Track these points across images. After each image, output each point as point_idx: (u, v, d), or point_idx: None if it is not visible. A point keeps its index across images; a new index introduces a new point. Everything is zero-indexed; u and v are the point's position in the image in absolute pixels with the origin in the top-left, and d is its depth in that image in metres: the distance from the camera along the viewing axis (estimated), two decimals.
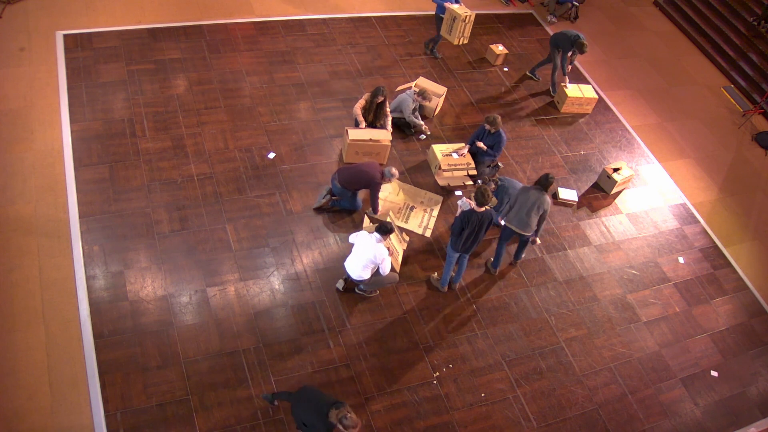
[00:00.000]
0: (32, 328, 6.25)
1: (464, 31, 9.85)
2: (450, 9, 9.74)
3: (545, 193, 7.14)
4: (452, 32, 9.88)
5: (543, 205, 7.13)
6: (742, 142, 11.11)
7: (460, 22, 9.66)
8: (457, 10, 9.67)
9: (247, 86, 9.24)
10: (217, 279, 7.00)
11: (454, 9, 9.69)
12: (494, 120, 8.21)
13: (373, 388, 6.55)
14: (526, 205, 7.14)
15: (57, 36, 9.21)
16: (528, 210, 7.14)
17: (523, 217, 7.18)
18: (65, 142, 7.90)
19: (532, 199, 7.14)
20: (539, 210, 7.14)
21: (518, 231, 7.28)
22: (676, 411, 7.23)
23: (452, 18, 9.74)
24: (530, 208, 7.13)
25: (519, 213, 7.19)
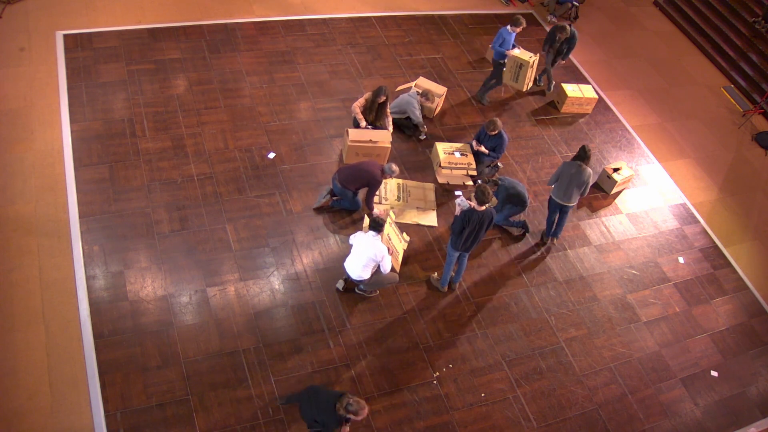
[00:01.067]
0: (32, 328, 6.25)
1: (531, 75, 9.58)
2: (515, 57, 9.35)
3: (585, 166, 7.66)
4: (519, 79, 9.53)
5: (583, 176, 7.66)
6: (742, 142, 11.11)
7: (528, 69, 9.37)
8: (523, 57, 9.29)
9: (247, 86, 9.24)
10: (217, 279, 7.00)
11: (519, 57, 9.30)
12: (492, 124, 8.23)
13: (373, 388, 6.55)
14: (568, 178, 7.66)
15: (57, 36, 9.21)
16: (569, 183, 7.66)
17: (565, 189, 7.71)
18: (65, 142, 7.90)
19: (573, 173, 7.66)
20: (580, 182, 7.67)
21: (562, 203, 7.82)
22: (676, 411, 7.23)
23: (518, 66, 9.38)
24: (571, 180, 7.65)
25: (561, 186, 7.74)
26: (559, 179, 7.78)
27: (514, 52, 9.30)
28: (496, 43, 9.38)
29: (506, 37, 9.32)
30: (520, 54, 9.29)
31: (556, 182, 7.85)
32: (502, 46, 9.35)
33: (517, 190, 7.86)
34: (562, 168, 7.77)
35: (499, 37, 9.35)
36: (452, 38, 11.21)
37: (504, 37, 9.31)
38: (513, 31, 9.30)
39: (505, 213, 8.07)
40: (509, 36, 9.34)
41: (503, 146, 8.49)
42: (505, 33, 9.33)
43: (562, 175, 7.75)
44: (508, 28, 9.31)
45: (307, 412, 5.48)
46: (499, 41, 9.35)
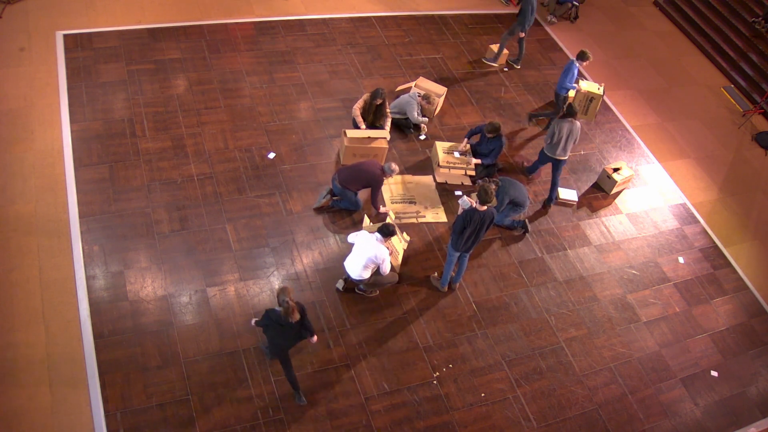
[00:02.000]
0: (32, 328, 6.25)
1: (598, 106, 9.31)
2: (586, 91, 9.07)
3: (575, 120, 8.36)
4: (589, 111, 9.27)
5: (575, 130, 8.38)
6: (742, 142, 11.11)
7: (597, 102, 9.13)
8: (593, 91, 9.05)
9: (247, 86, 9.24)
10: (217, 279, 7.00)
11: (590, 91, 9.03)
12: (492, 126, 8.26)
13: (373, 388, 6.55)
14: (565, 134, 8.32)
15: (57, 36, 9.21)
16: (567, 139, 8.36)
17: (564, 145, 8.39)
18: (65, 142, 7.90)
19: (568, 129, 8.32)
20: (575, 136, 8.40)
21: (559, 158, 8.48)
22: (676, 411, 7.23)
23: (588, 99, 9.12)
24: (568, 137, 8.35)
25: (558, 143, 8.38)
26: (554, 137, 8.33)
27: (583, 87, 9.08)
28: (566, 78, 9.18)
29: (574, 70, 9.17)
30: (589, 87, 9.08)
31: (551, 141, 8.38)
32: (571, 80, 9.18)
33: (518, 190, 7.86)
34: (556, 126, 8.32)
35: (569, 72, 9.15)
36: (452, 38, 11.21)
37: (573, 72, 9.15)
38: (579, 65, 9.14)
39: (505, 213, 8.07)
40: (576, 69, 9.20)
41: (500, 150, 8.53)
42: (572, 67, 9.16)
43: (558, 132, 8.31)
44: (576, 62, 9.12)
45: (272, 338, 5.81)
46: (569, 76, 9.15)
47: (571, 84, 9.20)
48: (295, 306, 5.52)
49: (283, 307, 5.47)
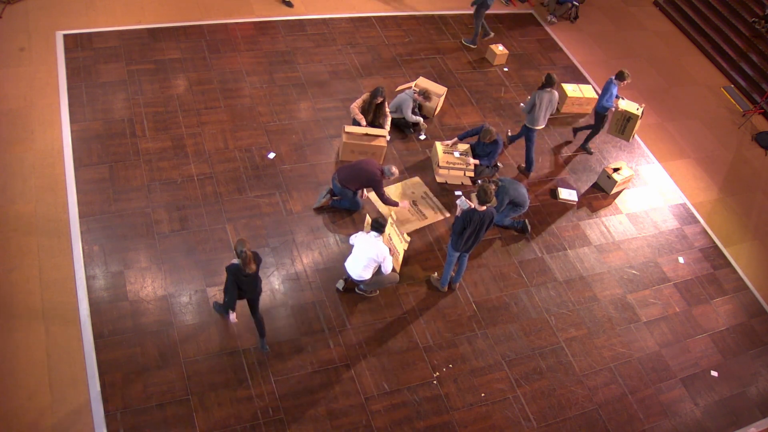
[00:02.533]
0: (32, 328, 6.25)
1: (637, 126, 9.13)
2: (623, 111, 8.94)
3: (554, 90, 8.59)
4: (626, 131, 9.09)
5: (554, 100, 8.70)
6: (742, 142, 11.11)
7: (636, 122, 8.94)
8: (631, 110, 8.89)
9: (247, 86, 9.24)
10: (217, 279, 7.00)
11: (628, 110, 8.89)
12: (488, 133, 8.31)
13: (373, 388, 6.55)
14: (545, 104, 8.60)
15: (57, 36, 9.21)
16: (546, 108, 8.63)
17: (544, 114, 8.67)
18: (65, 142, 7.90)
19: (547, 99, 8.58)
20: (553, 106, 8.76)
21: (536, 127, 8.75)
22: (676, 411, 7.23)
23: (626, 119, 8.97)
24: (547, 106, 8.64)
25: (539, 113, 8.61)
26: (535, 108, 8.58)
27: (621, 105, 8.96)
28: (605, 97, 9.00)
29: (612, 89, 8.98)
30: (627, 107, 8.94)
31: (530, 111, 8.63)
32: (609, 99, 9.00)
33: (517, 190, 7.86)
34: (536, 98, 8.54)
35: (607, 91, 8.97)
36: (452, 38, 11.21)
37: (611, 91, 8.98)
38: (617, 84, 8.95)
39: (505, 213, 8.07)
40: (614, 89, 8.99)
41: (497, 152, 8.56)
42: (610, 86, 8.98)
43: (539, 104, 8.57)
44: (614, 81, 8.95)
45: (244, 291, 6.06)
46: (607, 95, 8.98)
47: (609, 103, 8.98)
48: (252, 256, 5.74)
49: (241, 258, 5.67)
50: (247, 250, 5.66)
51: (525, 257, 8.17)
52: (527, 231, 8.36)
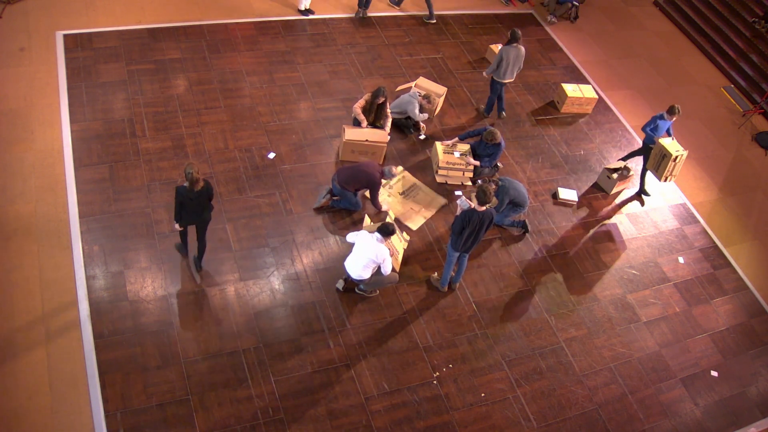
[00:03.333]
0: (32, 328, 6.25)
1: (673, 169, 8.68)
2: (661, 145, 8.58)
3: (519, 45, 9.13)
4: (659, 169, 8.69)
5: (521, 56, 9.23)
6: (742, 142, 11.11)
7: (670, 162, 8.51)
8: (668, 147, 8.49)
9: (247, 86, 9.24)
10: (217, 279, 7.00)
11: (665, 147, 8.51)
12: (491, 135, 8.29)
13: (373, 388, 6.55)
14: (512, 60, 9.14)
15: (57, 36, 9.21)
16: (513, 63, 9.18)
17: (511, 70, 9.24)
18: (65, 142, 7.90)
19: (514, 54, 9.13)
20: (520, 61, 9.27)
21: (506, 81, 9.32)
22: (676, 411, 7.23)
23: (661, 155, 8.60)
24: (515, 61, 9.18)
25: (506, 68, 9.17)
26: (501, 63, 9.08)
27: (662, 141, 8.59)
28: (648, 126, 8.84)
29: (659, 122, 8.76)
30: (667, 144, 8.54)
31: (496, 68, 9.15)
32: (653, 130, 8.77)
33: (518, 190, 7.86)
34: (503, 53, 9.06)
35: (652, 122, 8.79)
36: (452, 38, 11.21)
37: (657, 123, 8.76)
38: (668, 119, 8.73)
39: (506, 213, 8.07)
40: (663, 123, 8.77)
41: (499, 154, 8.57)
42: (659, 119, 8.77)
43: (506, 59, 9.07)
44: (664, 115, 8.74)
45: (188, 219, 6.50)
46: (652, 125, 8.79)
47: (652, 132, 8.75)
48: (199, 176, 6.13)
49: (188, 179, 6.06)
50: (194, 173, 6.07)
51: (525, 257, 8.17)
52: (527, 231, 8.36)
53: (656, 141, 8.66)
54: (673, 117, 8.69)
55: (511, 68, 9.18)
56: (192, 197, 6.24)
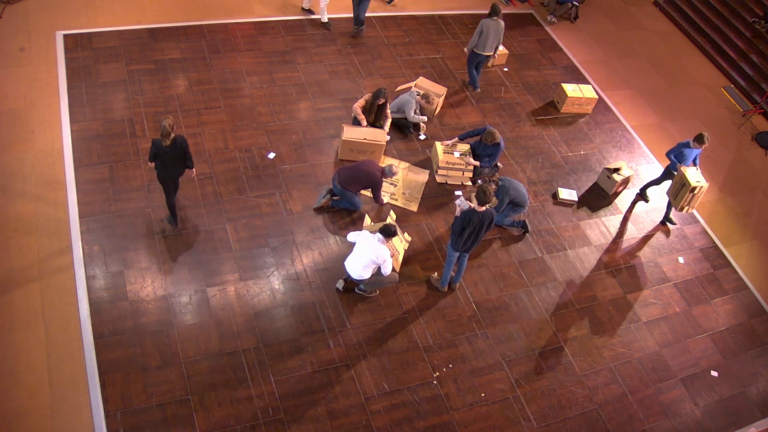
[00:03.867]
0: (32, 328, 6.25)
1: (691, 200, 8.27)
2: (681, 173, 8.24)
3: (499, 19, 9.41)
4: (677, 197, 8.37)
5: (501, 28, 9.53)
6: (742, 142, 11.11)
7: (687, 192, 8.17)
8: (688, 177, 8.14)
9: (247, 86, 9.24)
10: (217, 279, 7.00)
11: (686, 176, 8.16)
12: (490, 135, 8.28)
13: (373, 388, 6.55)
14: (492, 32, 9.44)
15: (57, 36, 9.21)
16: (494, 36, 9.49)
17: (491, 42, 9.55)
18: (65, 142, 7.90)
19: (494, 27, 9.42)
20: (500, 35, 9.59)
21: (486, 53, 9.67)
22: (676, 411, 7.23)
23: (681, 183, 8.25)
24: (495, 35, 9.49)
25: (486, 41, 9.48)
26: (481, 35, 9.38)
27: (684, 169, 8.25)
28: (672, 152, 8.58)
29: (684, 150, 8.45)
30: (688, 174, 8.18)
31: (478, 39, 9.42)
32: (677, 157, 8.51)
33: (518, 190, 7.86)
34: (483, 26, 9.34)
35: (677, 149, 8.51)
36: (452, 38, 11.21)
37: (682, 150, 8.46)
38: (695, 147, 8.40)
39: (506, 213, 8.07)
40: (689, 151, 8.45)
41: (498, 154, 8.57)
42: (685, 147, 8.47)
43: (485, 31, 9.36)
44: (690, 143, 8.42)
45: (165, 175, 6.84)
46: (676, 152, 8.52)
47: (675, 158, 8.51)
48: (171, 130, 6.45)
49: (161, 131, 6.40)
50: (167, 126, 6.39)
51: (525, 257, 8.17)
52: (528, 231, 8.36)
53: (678, 169, 8.34)
54: (701, 146, 8.33)
55: (491, 41, 9.47)
56: (166, 150, 6.60)
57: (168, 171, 6.80)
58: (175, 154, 6.68)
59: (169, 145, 6.56)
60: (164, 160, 6.68)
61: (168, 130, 6.42)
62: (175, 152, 6.66)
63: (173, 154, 6.65)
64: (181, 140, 6.66)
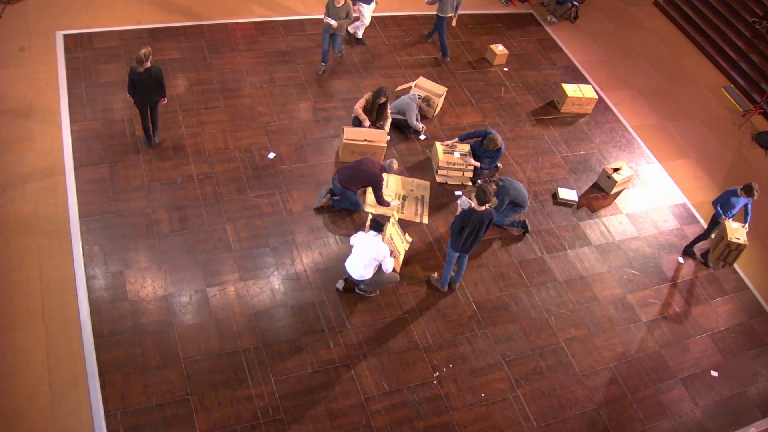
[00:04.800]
0: (32, 328, 6.25)
1: (728, 256, 8.00)
2: (725, 227, 7.97)
3: None
4: (714, 250, 8.19)
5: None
6: (742, 142, 11.10)
7: (724, 245, 7.92)
8: (728, 230, 7.88)
9: (247, 86, 9.24)
10: (217, 279, 7.00)
11: (728, 229, 7.91)
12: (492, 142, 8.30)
13: (373, 388, 6.55)
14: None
15: (57, 36, 9.21)
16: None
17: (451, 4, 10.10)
18: (65, 142, 7.90)
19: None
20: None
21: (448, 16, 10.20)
22: (676, 411, 7.23)
23: (721, 237, 8.03)
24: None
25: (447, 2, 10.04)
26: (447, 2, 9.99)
27: (728, 222, 8.02)
28: (718, 201, 8.24)
29: (732, 199, 8.11)
30: (729, 227, 7.92)
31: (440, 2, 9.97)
32: (723, 206, 8.18)
33: (518, 190, 7.86)
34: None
35: (724, 197, 8.16)
36: (452, 38, 11.21)
37: (729, 198, 8.13)
38: (742, 197, 8.08)
39: (506, 213, 8.07)
40: (736, 200, 8.09)
41: (499, 157, 8.58)
42: (732, 196, 8.11)
43: None
44: (738, 191, 8.08)
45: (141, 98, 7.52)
46: (723, 200, 8.18)
47: (721, 208, 8.19)
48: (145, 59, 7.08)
49: (137, 58, 7.04)
50: (142, 54, 7.02)
51: (525, 257, 8.17)
52: (528, 231, 8.36)
53: (722, 221, 8.12)
54: (750, 197, 7.97)
55: (451, 4, 10.03)
56: (142, 77, 7.23)
57: (143, 97, 7.45)
58: (150, 82, 7.31)
59: (143, 72, 7.21)
60: (139, 87, 7.33)
61: (142, 58, 7.06)
62: (149, 79, 7.28)
63: (147, 81, 7.29)
64: (156, 70, 7.31)
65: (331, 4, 9.13)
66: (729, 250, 7.97)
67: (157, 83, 7.39)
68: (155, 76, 7.32)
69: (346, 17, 9.26)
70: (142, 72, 7.19)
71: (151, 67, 7.24)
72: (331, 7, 9.13)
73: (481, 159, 8.69)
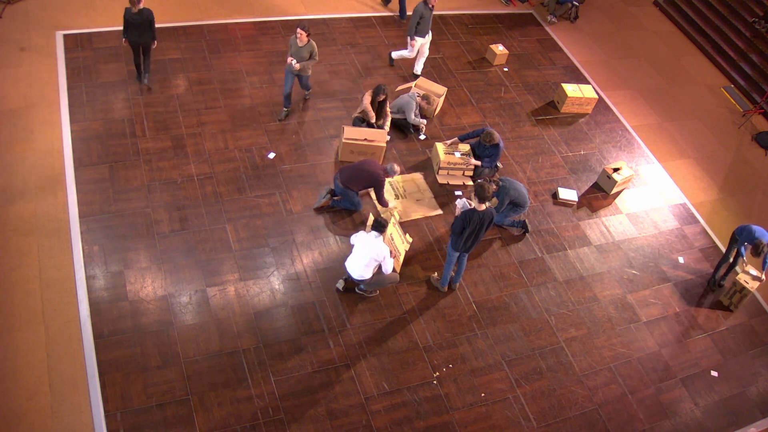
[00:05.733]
0: (32, 328, 6.25)
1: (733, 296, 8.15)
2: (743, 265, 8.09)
3: None
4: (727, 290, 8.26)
5: None
6: (742, 142, 11.11)
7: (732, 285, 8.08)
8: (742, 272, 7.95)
9: (247, 86, 9.24)
10: (217, 279, 7.00)
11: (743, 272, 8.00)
12: (489, 136, 8.31)
13: (373, 388, 6.55)
14: None
15: (57, 36, 9.21)
16: None
17: None
18: (65, 142, 7.90)
19: None
20: None
21: None
22: (676, 411, 7.23)
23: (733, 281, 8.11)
24: None
25: None
26: None
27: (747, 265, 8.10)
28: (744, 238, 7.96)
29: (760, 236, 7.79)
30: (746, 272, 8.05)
31: None
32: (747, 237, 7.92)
33: (518, 190, 7.86)
34: None
35: (750, 234, 7.84)
36: (452, 38, 11.21)
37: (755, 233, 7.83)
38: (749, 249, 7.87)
39: (506, 213, 8.07)
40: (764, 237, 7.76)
41: (498, 154, 8.58)
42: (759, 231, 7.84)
43: None
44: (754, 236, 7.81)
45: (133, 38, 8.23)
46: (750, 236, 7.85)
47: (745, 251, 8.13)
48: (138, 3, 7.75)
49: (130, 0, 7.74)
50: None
51: (525, 257, 8.17)
52: (528, 231, 8.36)
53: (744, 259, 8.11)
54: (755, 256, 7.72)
55: None
56: (134, 18, 7.91)
57: (135, 37, 8.12)
58: (142, 23, 7.96)
59: (136, 13, 7.89)
60: (131, 27, 8.00)
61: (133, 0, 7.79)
62: (141, 21, 7.94)
63: (140, 22, 7.95)
64: (147, 12, 7.98)
65: (293, 42, 8.24)
66: (735, 290, 8.15)
67: (148, 24, 8.04)
68: (147, 17, 7.97)
69: (310, 57, 8.38)
70: (135, 13, 7.86)
71: (143, 9, 7.92)
72: (294, 45, 8.25)
73: (481, 158, 8.70)
